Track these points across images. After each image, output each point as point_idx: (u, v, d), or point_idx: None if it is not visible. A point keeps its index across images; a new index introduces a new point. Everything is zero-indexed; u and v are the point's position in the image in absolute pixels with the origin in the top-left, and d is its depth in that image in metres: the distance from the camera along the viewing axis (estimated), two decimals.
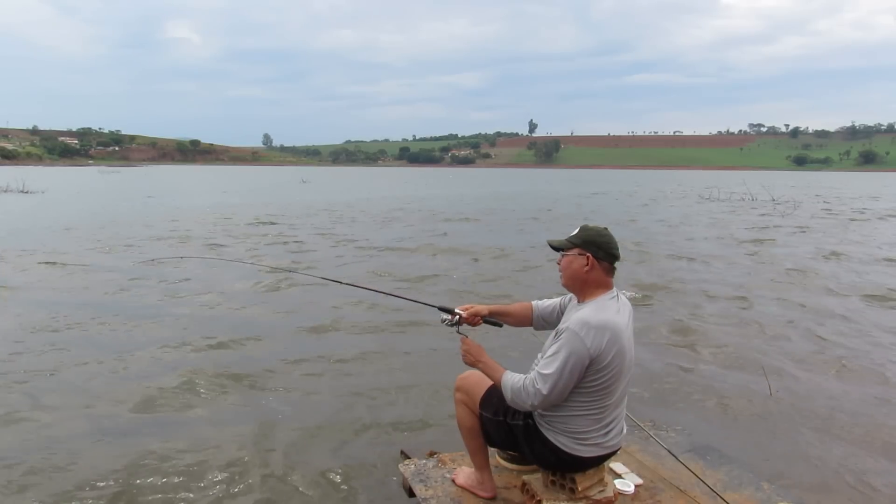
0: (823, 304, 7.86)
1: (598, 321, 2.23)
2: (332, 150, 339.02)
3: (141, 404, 4.37)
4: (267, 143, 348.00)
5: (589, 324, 2.22)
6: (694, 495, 2.61)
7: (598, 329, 2.21)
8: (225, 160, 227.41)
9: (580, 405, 2.31)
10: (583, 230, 2.41)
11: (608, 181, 69.14)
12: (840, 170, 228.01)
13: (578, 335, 2.21)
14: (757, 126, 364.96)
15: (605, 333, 2.22)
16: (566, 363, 2.20)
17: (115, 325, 6.37)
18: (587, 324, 2.22)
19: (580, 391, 2.28)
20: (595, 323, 2.22)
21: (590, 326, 2.21)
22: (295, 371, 5.16)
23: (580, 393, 2.29)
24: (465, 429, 2.60)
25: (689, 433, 3.31)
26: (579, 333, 2.21)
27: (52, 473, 3.43)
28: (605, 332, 2.22)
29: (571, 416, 2.32)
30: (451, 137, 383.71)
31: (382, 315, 6.94)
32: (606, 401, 2.32)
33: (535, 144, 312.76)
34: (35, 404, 4.33)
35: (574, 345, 2.20)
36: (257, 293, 8.12)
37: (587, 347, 2.19)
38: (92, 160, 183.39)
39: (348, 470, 3.54)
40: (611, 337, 2.23)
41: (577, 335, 2.21)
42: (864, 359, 5.61)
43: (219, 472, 3.49)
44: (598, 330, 2.21)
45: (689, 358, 5.64)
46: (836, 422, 4.29)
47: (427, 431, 4.05)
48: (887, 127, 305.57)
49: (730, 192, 36.12)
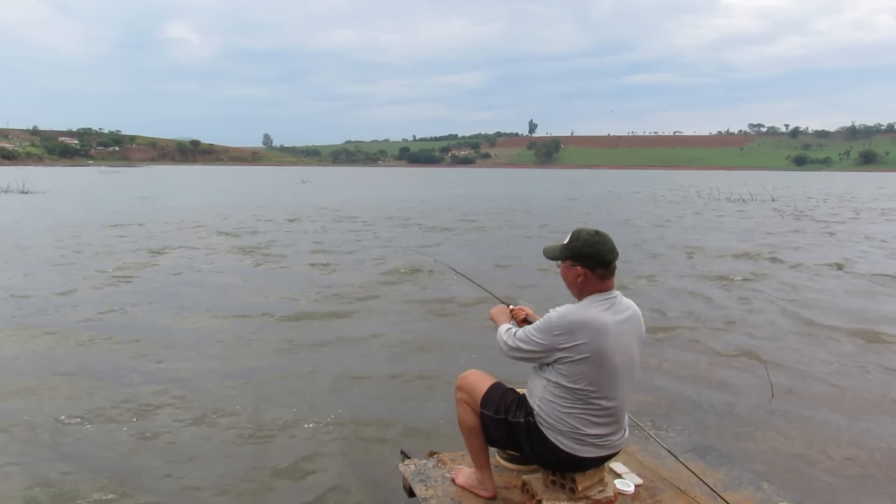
0: (825, 304, 7.86)
1: (575, 316, 2.29)
2: (332, 151, 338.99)
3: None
4: (267, 143, 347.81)
5: (565, 317, 2.30)
6: (694, 495, 2.61)
7: (572, 324, 2.28)
8: (225, 160, 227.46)
9: (581, 405, 2.32)
10: (573, 239, 2.42)
11: (620, 182, 69.01)
12: (840, 170, 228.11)
13: (551, 322, 2.31)
14: (757, 126, 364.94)
15: (578, 328, 2.27)
16: (530, 341, 2.35)
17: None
18: (563, 316, 2.30)
19: (579, 390, 2.29)
20: (572, 318, 2.29)
21: (565, 319, 2.29)
22: (295, 370, 5.17)
23: (580, 392, 2.30)
24: (465, 428, 2.60)
25: (689, 433, 3.31)
26: (552, 322, 2.30)
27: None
28: (580, 326, 2.27)
29: (572, 415, 2.33)
30: (451, 137, 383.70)
31: (383, 314, 6.94)
32: (607, 401, 2.32)
33: (535, 144, 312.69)
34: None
35: (543, 327, 2.34)
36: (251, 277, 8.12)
37: (551, 337, 2.30)
38: (92, 160, 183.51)
39: (348, 470, 3.54)
40: (587, 332, 2.26)
41: (550, 322, 2.31)
42: (865, 359, 5.61)
43: (218, 471, 3.49)
44: (570, 324, 2.28)
45: (690, 358, 5.64)
46: (837, 422, 4.29)
47: (427, 431, 4.04)
48: (887, 127, 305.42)
49: (752, 194, 34.65)
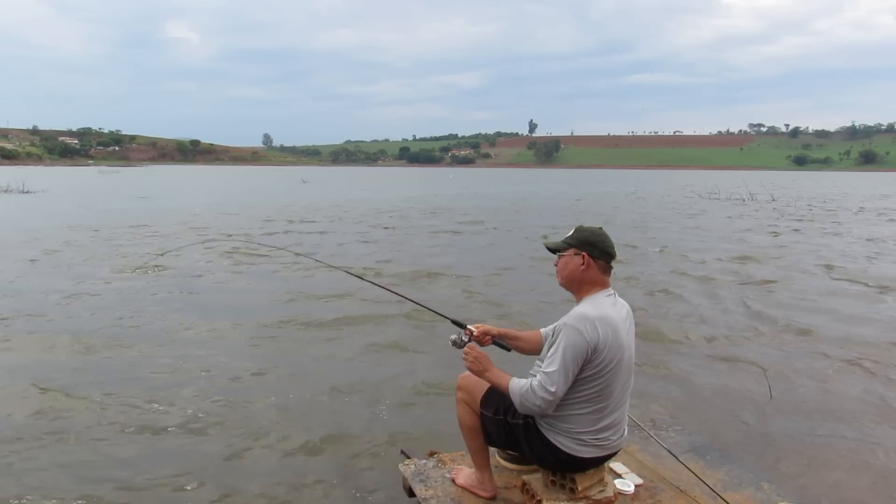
0: (825, 305, 7.86)
1: (595, 314, 2.27)
2: (332, 150, 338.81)
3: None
4: (267, 143, 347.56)
5: (587, 316, 2.26)
6: (694, 495, 2.61)
7: (596, 321, 2.25)
8: (225, 160, 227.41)
9: (580, 405, 2.31)
10: (578, 231, 2.44)
11: (620, 182, 69.01)
12: (840, 169, 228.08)
13: (576, 328, 2.24)
14: (757, 126, 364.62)
15: (601, 325, 2.25)
16: (566, 357, 2.23)
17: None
18: (585, 317, 2.26)
19: (580, 390, 2.29)
20: (592, 315, 2.26)
21: (587, 318, 2.25)
22: (294, 369, 5.16)
23: (580, 392, 2.29)
24: (465, 428, 2.60)
25: (689, 433, 3.31)
26: (577, 326, 2.24)
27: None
28: (602, 323, 2.25)
29: (571, 416, 2.33)
30: (451, 137, 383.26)
31: (383, 313, 6.93)
32: (606, 401, 2.32)
33: (535, 144, 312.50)
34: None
35: (572, 338, 2.23)
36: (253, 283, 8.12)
37: (586, 339, 2.23)
38: (92, 160, 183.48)
39: (348, 470, 3.54)
40: (608, 329, 2.26)
41: (575, 328, 2.24)
42: (866, 359, 5.61)
43: (217, 470, 3.49)
44: (595, 321, 2.25)
45: (690, 357, 5.64)
46: (837, 423, 4.29)
47: (427, 431, 4.04)
48: (887, 127, 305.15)
49: (752, 194, 34.69)
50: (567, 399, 2.30)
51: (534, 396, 2.26)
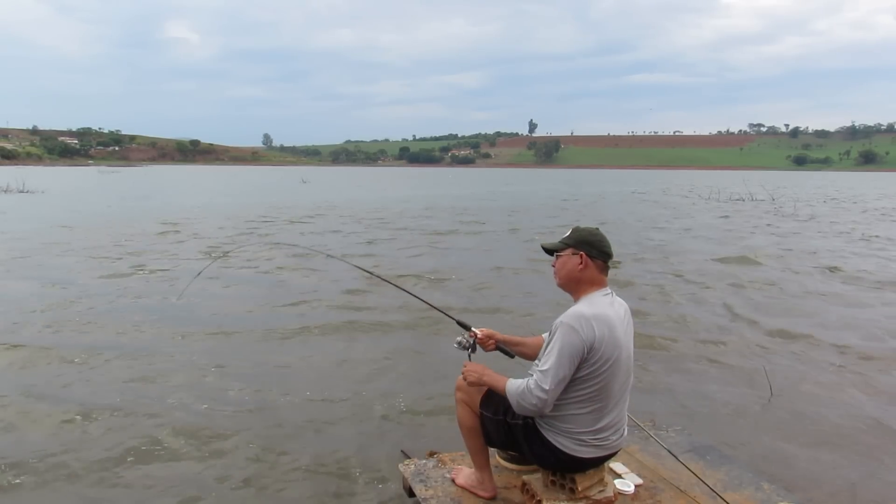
0: (825, 305, 7.86)
1: (591, 312, 2.28)
2: (332, 150, 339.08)
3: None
4: (267, 143, 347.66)
5: (583, 315, 2.27)
6: (694, 495, 2.61)
7: (592, 319, 2.25)
8: (225, 160, 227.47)
9: (579, 405, 2.31)
10: (575, 231, 2.46)
11: (619, 182, 69.00)
12: (840, 170, 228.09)
13: (572, 326, 2.24)
14: (757, 126, 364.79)
15: (597, 323, 2.25)
16: (562, 355, 2.23)
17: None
18: (581, 315, 2.27)
19: (578, 389, 2.29)
20: (588, 314, 2.27)
21: (583, 317, 2.26)
22: (293, 370, 5.16)
23: (578, 391, 2.29)
24: (465, 428, 2.60)
25: (689, 433, 3.31)
26: (573, 325, 2.25)
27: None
28: (598, 321, 2.26)
29: (570, 416, 2.33)
30: (451, 137, 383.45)
31: (384, 314, 6.93)
32: (605, 400, 2.32)
33: (535, 144, 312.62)
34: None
35: (568, 336, 2.24)
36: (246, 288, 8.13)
37: (581, 338, 2.23)
38: (92, 160, 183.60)
39: (348, 470, 3.53)
40: (604, 327, 2.26)
41: (571, 326, 2.24)
42: (865, 359, 5.60)
43: (216, 469, 3.50)
44: (591, 320, 2.25)
45: (690, 357, 5.63)
46: (838, 422, 4.28)
47: (427, 431, 4.04)
48: (887, 127, 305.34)
49: (751, 194, 35.52)
50: (566, 399, 2.30)
51: (530, 395, 2.27)
